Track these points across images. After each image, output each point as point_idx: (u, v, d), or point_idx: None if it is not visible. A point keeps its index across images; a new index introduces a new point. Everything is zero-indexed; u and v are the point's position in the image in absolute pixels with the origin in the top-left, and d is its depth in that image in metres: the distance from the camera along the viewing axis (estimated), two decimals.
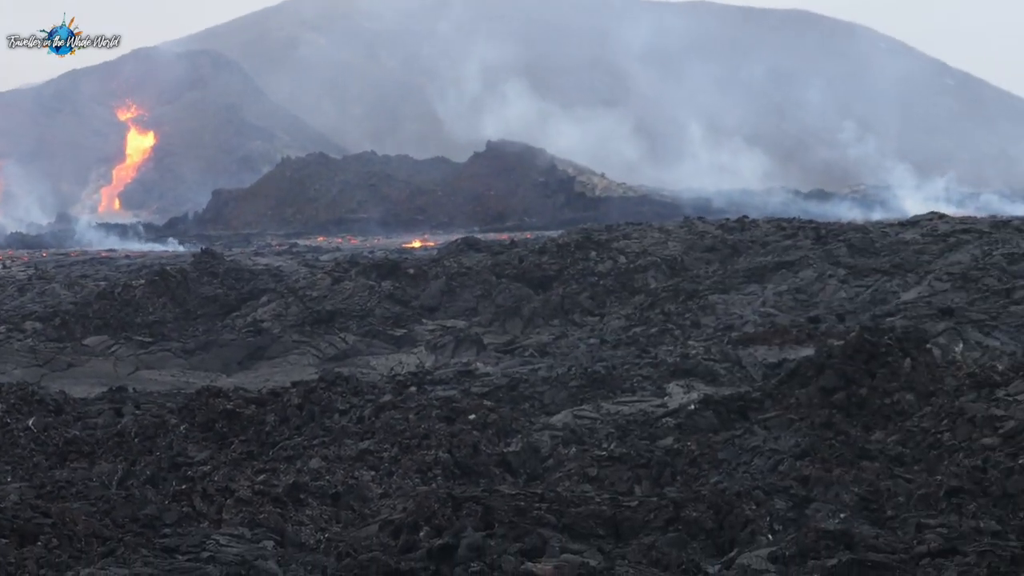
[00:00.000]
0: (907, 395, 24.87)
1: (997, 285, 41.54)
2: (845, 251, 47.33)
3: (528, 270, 46.96)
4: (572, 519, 17.40)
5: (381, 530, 17.60)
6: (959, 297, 40.45)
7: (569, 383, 29.38)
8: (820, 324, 37.71)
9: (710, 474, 21.46)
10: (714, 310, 41.50)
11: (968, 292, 41.02)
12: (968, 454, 20.69)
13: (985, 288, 41.37)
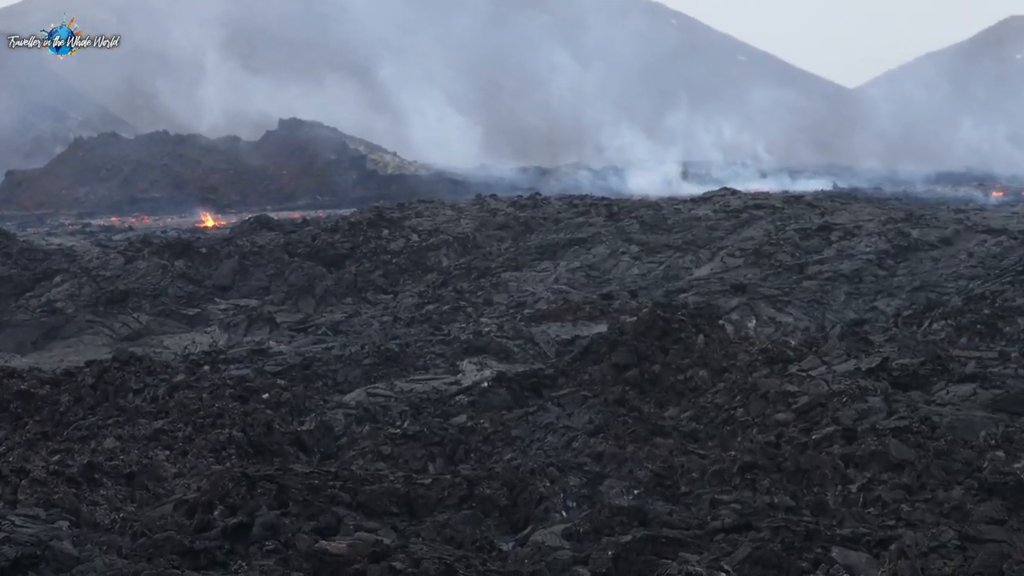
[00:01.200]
0: (700, 371, 26.22)
1: (790, 260, 43.74)
2: (637, 228, 49.00)
3: (320, 249, 47.75)
4: (366, 497, 18.13)
5: (176, 509, 17.99)
6: (752, 273, 42.46)
7: (362, 361, 30.14)
8: (613, 301, 39.26)
9: (504, 451, 22.58)
10: (507, 287, 42.86)
11: (761, 268, 43.08)
12: (762, 430, 22.06)
13: (778, 264, 43.50)
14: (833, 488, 18.45)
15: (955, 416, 22.07)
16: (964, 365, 25.44)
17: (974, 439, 20.46)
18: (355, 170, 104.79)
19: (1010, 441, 20.11)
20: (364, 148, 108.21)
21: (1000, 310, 32.63)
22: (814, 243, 45.95)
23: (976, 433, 20.87)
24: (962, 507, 16.45)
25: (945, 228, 47.42)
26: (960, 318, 32.57)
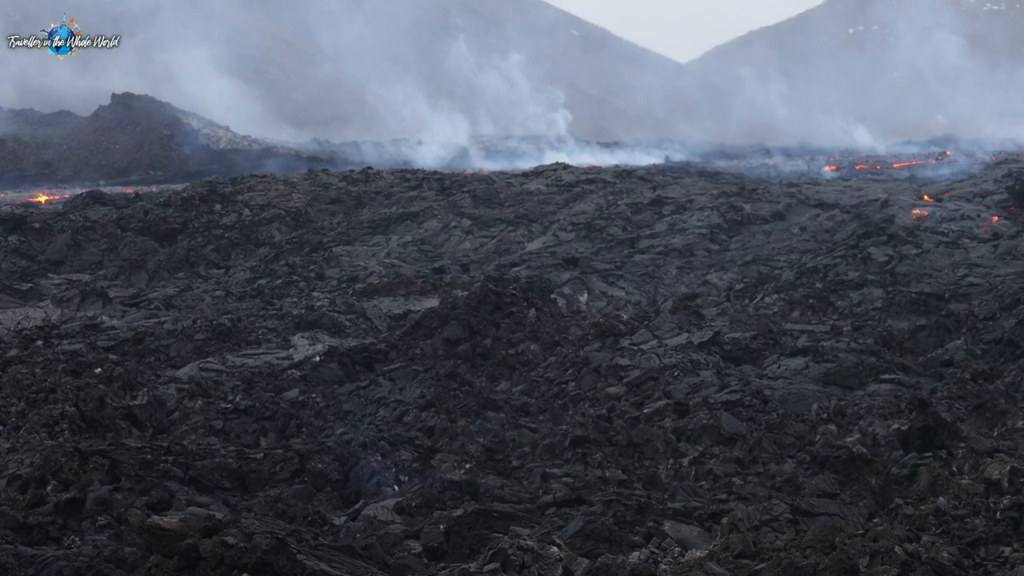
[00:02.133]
0: (532, 345, 26.48)
1: (621, 235, 44.22)
2: (470, 201, 49.20)
3: (153, 223, 47.22)
4: (198, 472, 18.06)
5: (9, 485, 17.64)
6: (584, 247, 42.85)
7: (194, 336, 29.91)
8: (445, 275, 39.45)
9: (336, 425, 22.64)
10: (339, 262, 42.86)
11: (593, 242, 43.50)
12: (593, 403, 22.38)
13: (610, 238, 43.95)
14: (665, 462, 18.74)
15: (787, 390, 22.62)
16: (796, 339, 26.06)
17: (806, 413, 20.98)
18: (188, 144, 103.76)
19: (842, 415, 20.66)
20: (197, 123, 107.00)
21: (832, 284, 33.38)
22: (646, 217, 46.51)
23: (808, 407, 21.41)
24: (794, 480, 16.83)
25: (777, 202, 48.33)
26: (792, 292, 33.26)
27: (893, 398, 21.47)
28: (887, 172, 64.94)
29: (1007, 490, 13.57)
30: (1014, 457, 15.86)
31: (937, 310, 29.53)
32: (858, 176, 63.32)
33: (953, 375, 23.29)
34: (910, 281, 33.30)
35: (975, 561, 11.51)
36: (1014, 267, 34.92)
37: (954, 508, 13.12)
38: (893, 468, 16.92)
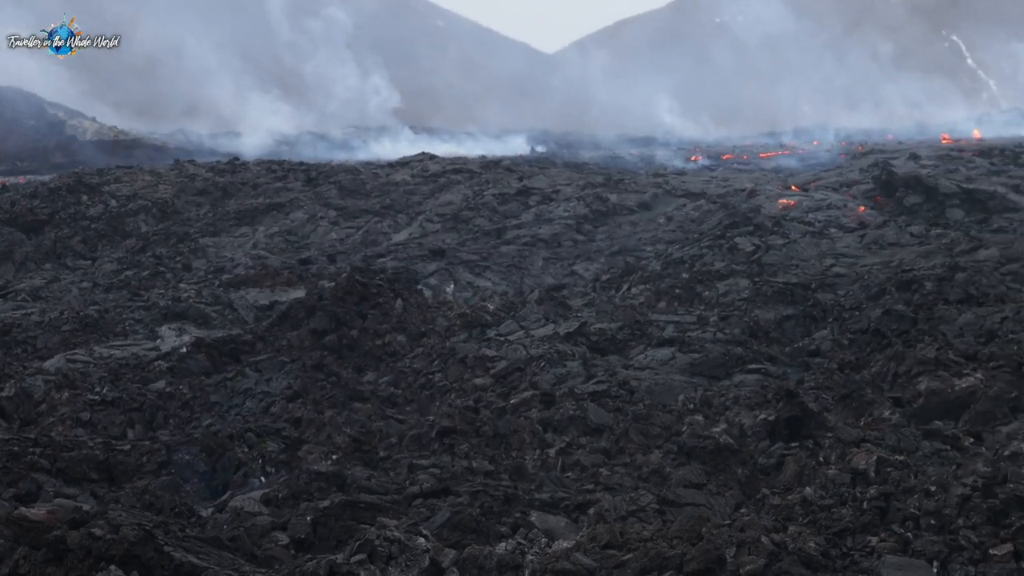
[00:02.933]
0: (398, 336, 26.40)
1: (488, 225, 44.27)
2: (336, 192, 49.09)
3: (20, 215, 46.90)
4: (66, 463, 17.82)
5: None
6: (450, 238, 42.83)
7: (61, 327, 29.74)
8: (311, 266, 39.29)
9: (203, 417, 22.49)
10: (205, 253, 42.67)
11: (459, 232, 43.51)
12: (460, 394, 22.34)
13: (476, 228, 43.97)
14: (532, 452, 18.72)
15: (653, 380, 22.73)
16: (662, 329, 26.22)
17: (672, 403, 21.09)
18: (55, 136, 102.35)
19: (708, 405, 20.80)
20: (64, 114, 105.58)
21: (698, 274, 33.66)
22: (512, 208, 46.61)
23: (674, 397, 21.53)
24: (660, 471, 16.90)
25: (644, 192, 48.65)
26: (658, 282, 33.49)
27: (760, 388, 21.66)
28: (753, 162, 65.61)
29: (873, 480, 13.74)
30: (880, 447, 16.08)
31: (804, 300, 29.89)
32: (724, 166, 63.90)
33: (820, 365, 23.57)
34: (776, 271, 33.69)
35: (842, 551, 11.61)
36: (880, 257, 35.48)
37: (821, 498, 13.23)
38: (760, 458, 17.06)
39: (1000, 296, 28.91)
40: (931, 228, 40.13)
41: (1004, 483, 12.30)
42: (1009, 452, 15.21)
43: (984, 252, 34.46)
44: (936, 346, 21.92)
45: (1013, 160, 55.30)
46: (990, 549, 11.18)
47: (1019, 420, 18.51)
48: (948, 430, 18.00)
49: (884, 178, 48.74)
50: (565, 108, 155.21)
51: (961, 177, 50.16)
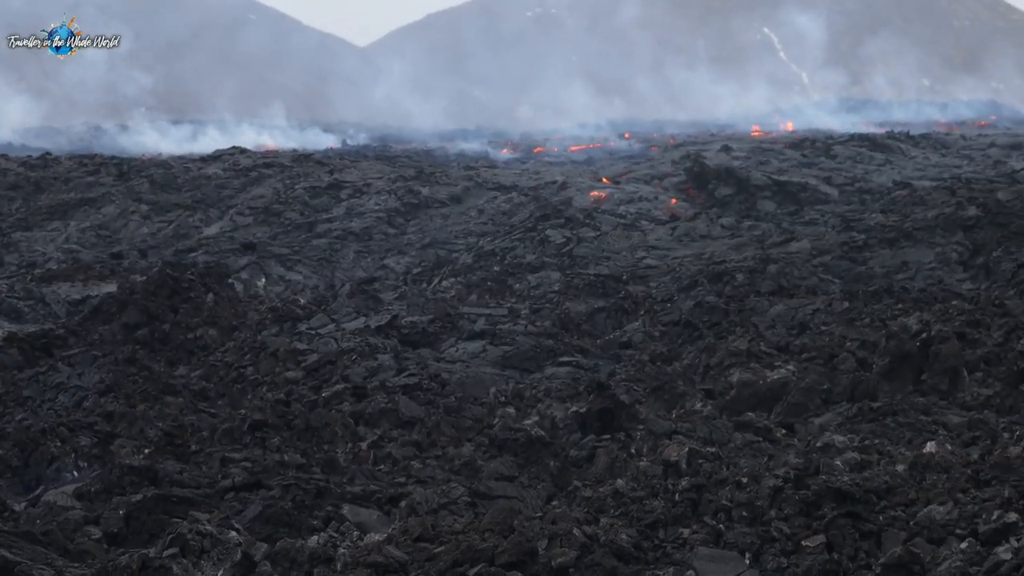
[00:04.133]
0: (210, 330, 26.07)
1: (299, 219, 43.96)
2: (148, 187, 48.49)
3: None
4: None
5: None
6: (262, 231, 42.46)
7: None
8: (123, 260, 38.72)
9: (15, 412, 21.92)
10: (17, 248, 42.07)
11: (271, 226, 43.17)
12: (272, 388, 22.10)
13: (287, 222, 43.62)
14: (344, 446, 18.58)
15: (465, 373, 22.71)
16: (474, 322, 26.21)
17: (484, 396, 21.09)
18: None
19: (520, 397, 20.82)
20: None
21: (510, 267, 33.75)
22: (324, 201, 46.37)
23: (486, 390, 21.52)
24: (472, 463, 16.85)
25: (455, 185, 48.68)
26: (470, 275, 33.51)
27: (571, 380, 21.77)
28: (564, 155, 66.08)
29: (685, 472, 13.84)
30: (692, 439, 16.25)
31: (615, 292, 30.14)
32: (536, 159, 64.23)
33: (631, 357, 23.72)
34: (588, 263, 33.93)
35: (654, 543, 11.65)
36: (692, 249, 35.95)
37: (632, 490, 13.26)
38: (571, 450, 17.11)
39: (811, 288, 29.50)
40: (743, 220, 40.76)
41: (816, 474, 12.47)
42: (821, 444, 15.42)
43: (796, 244, 35.14)
44: (748, 338, 22.24)
45: (824, 152, 56.54)
46: (802, 540, 11.32)
47: (831, 411, 18.87)
48: (760, 422, 18.24)
49: (696, 170, 49.43)
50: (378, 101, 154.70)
51: (773, 169, 51.17)
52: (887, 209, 40.24)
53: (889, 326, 21.84)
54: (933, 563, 10.46)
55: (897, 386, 20.07)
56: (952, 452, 14.16)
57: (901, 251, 34.25)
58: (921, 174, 51.90)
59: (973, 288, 29.21)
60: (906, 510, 11.76)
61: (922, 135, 65.97)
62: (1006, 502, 11.33)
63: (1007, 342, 21.38)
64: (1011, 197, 38.90)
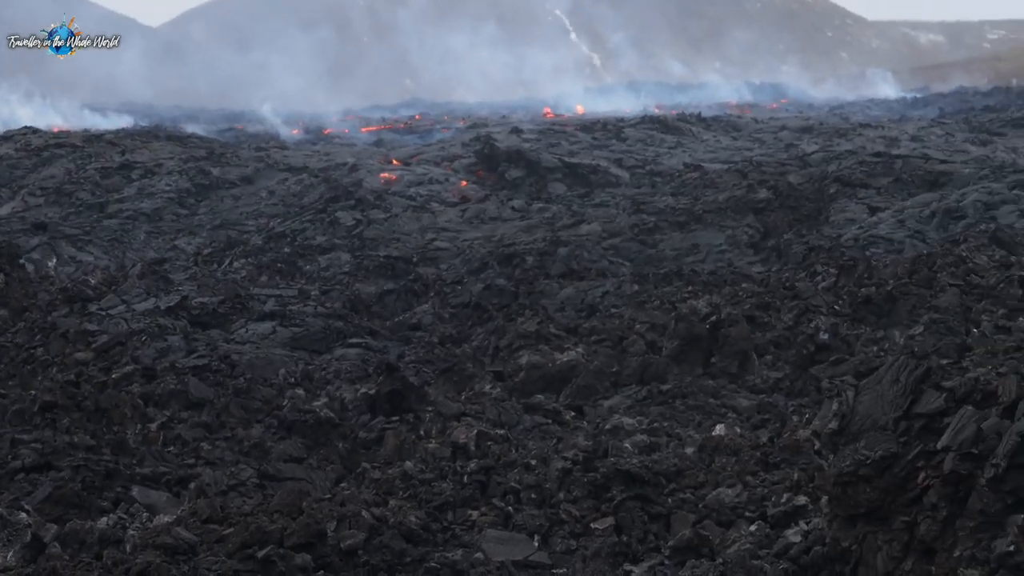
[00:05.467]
0: (1, 311, 25.24)
1: (91, 199, 42.95)
2: None
3: None
4: None
5: None
6: (53, 212, 41.36)
7: None
8: None
9: None
10: None
11: (62, 207, 42.09)
12: (61, 369, 21.47)
13: (79, 202, 42.59)
14: (133, 427, 18.15)
15: (255, 354, 22.43)
16: (264, 303, 25.91)
17: (274, 377, 20.82)
18: None
19: (309, 379, 20.62)
20: None
21: (300, 248, 33.47)
22: (115, 181, 45.42)
23: (276, 371, 21.26)
24: (262, 445, 16.63)
25: (246, 166, 48.10)
26: (260, 256, 33.14)
27: (361, 362, 21.63)
28: (355, 136, 65.73)
29: (474, 454, 13.84)
30: (481, 421, 16.23)
31: (405, 274, 30.09)
32: (327, 140, 63.77)
33: (421, 339, 23.68)
34: (378, 245, 33.80)
35: (443, 525, 11.61)
36: (482, 231, 36.03)
37: (421, 472, 13.22)
38: (361, 432, 16.99)
39: (601, 271, 29.78)
40: (533, 202, 41.01)
41: (605, 457, 12.52)
42: (610, 426, 15.55)
43: (586, 227, 35.44)
44: (537, 320, 22.28)
45: (615, 134, 57.10)
46: (591, 523, 11.33)
47: (620, 394, 18.97)
48: (549, 404, 18.28)
49: (486, 152, 49.49)
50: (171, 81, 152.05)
51: (563, 151, 51.48)
52: (678, 192, 40.85)
53: (679, 309, 22.00)
54: (722, 545, 10.47)
55: (686, 369, 20.23)
56: (741, 435, 14.35)
57: (692, 234, 34.77)
58: (712, 157, 52.73)
59: (763, 271, 29.75)
60: (695, 493, 11.83)
61: (713, 118, 67.08)
62: (795, 485, 11.47)
63: (797, 325, 21.79)
64: (802, 180, 39.78)
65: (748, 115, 74.32)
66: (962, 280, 24.07)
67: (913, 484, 8.83)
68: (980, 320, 21.75)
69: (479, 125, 65.89)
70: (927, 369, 9.35)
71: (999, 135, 60.41)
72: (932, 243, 30.65)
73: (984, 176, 38.46)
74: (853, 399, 9.42)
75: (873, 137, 58.63)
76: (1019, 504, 8.29)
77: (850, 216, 35.76)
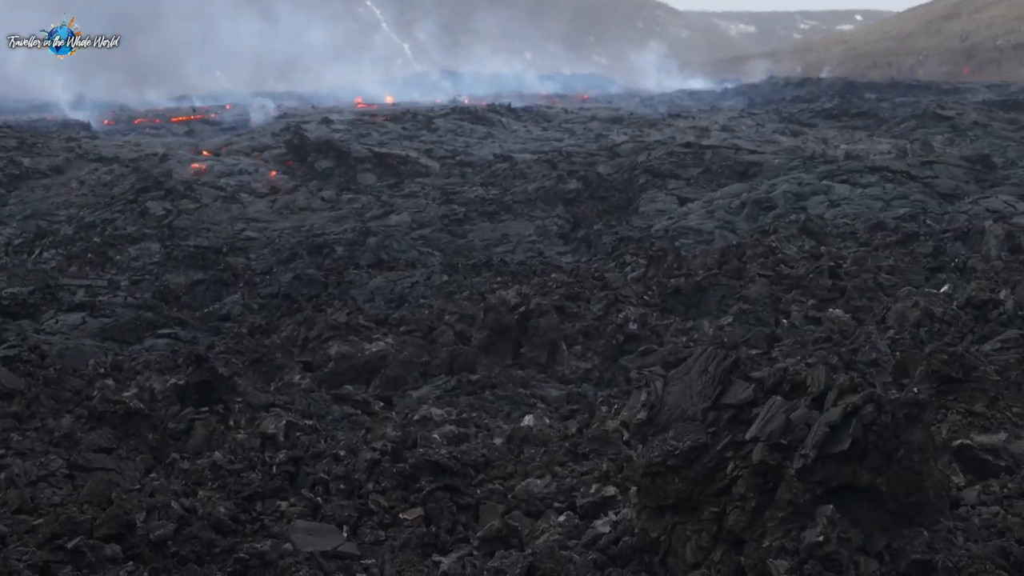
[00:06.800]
0: None
1: None
2: None
3: None
4: None
5: None
6: None
7: None
8: None
9: None
10: None
11: None
12: None
13: None
14: None
15: (64, 345, 22.01)
16: (74, 294, 25.43)
17: (83, 368, 20.45)
18: None
19: (119, 369, 20.30)
20: None
21: (110, 238, 32.90)
22: None
23: (85, 362, 20.89)
24: (72, 436, 16.34)
25: (56, 156, 47.14)
26: (71, 246, 32.49)
27: (170, 353, 21.34)
28: (166, 127, 64.78)
29: (282, 444, 13.76)
30: (290, 411, 16.17)
31: (215, 264, 29.77)
32: (137, 131, 62.73)
33: (230, 330, 23.43)
34: (188, 235, 33.41)
35: (252, 515, 11.55)
36: (291, 221, 35.85)
37: (230, 462, 13.12)
38: (170, 423, 16.80)
39: (411, 261, 29.81)
40: (343, 193, 40.87)
41: (414, 447, 12.48)
42: (419, 416, 15.56)
43: (395, 217, 35.46)
44: (347, 311, 22.17)
45: (425, 125, 57.16)
46: (400, 513, 11.24)
47: (429, 384, 18.95)
48: (358, 395, 18.17)
49: (296, 142, 49.23)
50: None
51: (373, 141, 51.40)
52: (487, 182, 41.09)
53: (488, 299, 22.02)
54: (531, 536, 10.41)
55: (496, 359, 20.22)
56: (550, 425, 14.40)
57: (501, 224, 34.98)
58: (522, 147, 53.09)
59: (573, 261, 29.97)
60: (504, 483, 11.82)
61: (523, 108, 67.53)
62: (604, 475, 11.44)
63: (606, 315, 21.95)
64: (612, 171, 40.27)
65: (558, 106, 75.01)
66: (772, 271, 24.57)
67: (722, 475, 8.78)
68: (790, 310, 22.20)
69: (290, 115, 65.46)
70: (736, 359, 9.33)
71: (809, 126, 61.96)
72: (742, 233, 31.23)
73: (794, 167, 39.34)
74: (662, 389, 9.36)
75: (683, 128, 59.67)
76: (828, 495, 8.34)
77: (660, 207, 36.32)
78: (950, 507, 9.03)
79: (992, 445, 10.69)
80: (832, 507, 8.23)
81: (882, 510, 8.42)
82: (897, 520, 8.43)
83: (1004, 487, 9.71)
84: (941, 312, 19.07)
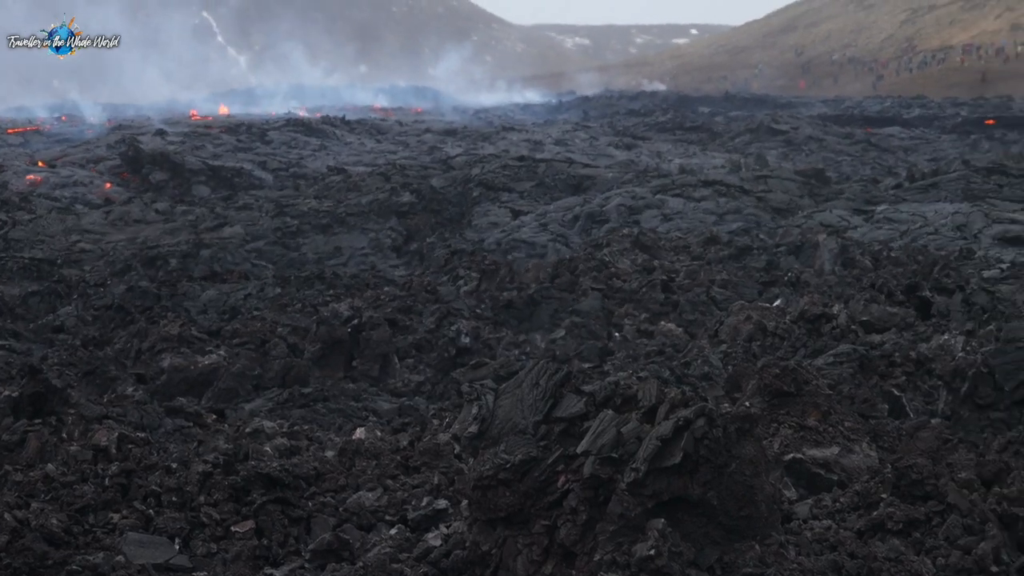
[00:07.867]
0: None
1: None
2: None
3: None
4: None
5: None
6: None
7: None
8: None
9: None
10: None
11: None
12: None
13: None
14: None
15: None
16: None
17: None
18: None
19: None
20: None
21: None
22: None
23: None
24: None
25: None
26: None
27: (4, 364, 20.95)
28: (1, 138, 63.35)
29: (115, 456, 13.60)
30: (123, 424, 15.97)
31: (49, 276, 29.28)
32: None
33: (64, 341, 23.08)
34: (23, 247, 32.79)
35: (84, 528, 11.43)
36: (126, 233, 35.38)
37: (63, 475, 12.97)
38: (3, 435, 16.54)
39: (244, 273, 29.57)
40: (177, 205, 40.43)
41: (246, 460, 12.38)
42: (251, 429, 15.46)
43: (229, 229, 35.15)
44: (179, 323, 21.92)
45: (259, 137, 56.73)
46: (232, 526, 11.10)
47: (262, 397, 18.84)
48: (191, 407, 17.97)
49: (131, 154, 48.62)
50: None
51: (208, 154, 50.92)
52: (321, 195, 40.91)
53: (320, 312, 22.05)
54: (363, 549, 10.37)
55: (328, 372, 20.15)
56: (382, 438, 14.38)
57: (335, 236, 34.88)
58: (356, 159, 52.99)
59: (406, 274, 29.90)
60: (335, 496, 11.79)
61: (357, 121, 67.30)
62: (435, 488, 11.50)
63: (438, 328, 21.98)
64: (445, 183, 40.35)
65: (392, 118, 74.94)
66: (604, 284, 24.85)
67: (553, 488, 8.73)
68: (622, 324, 22.46)
69: (124, 127, 64.48)
70: (567, 373, 9.28)
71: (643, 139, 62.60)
72: (575, 247, 31.53)
73: (627, 180, 39.80)
74: (493, 403, 9.34)
75: (517, 141, 59.95)
76: (659, 508, 8.32)
77: (493, 220, 36.54)
78: (782, 521, 9.12)
79: (824, 459, 10.94)
80: (663, 521, 8.24)
81: (714, 524, 8.42)
82: (729, 534, 8.44)
83: (836, 501, 9.92)
84: (774, 326, 19.46)
